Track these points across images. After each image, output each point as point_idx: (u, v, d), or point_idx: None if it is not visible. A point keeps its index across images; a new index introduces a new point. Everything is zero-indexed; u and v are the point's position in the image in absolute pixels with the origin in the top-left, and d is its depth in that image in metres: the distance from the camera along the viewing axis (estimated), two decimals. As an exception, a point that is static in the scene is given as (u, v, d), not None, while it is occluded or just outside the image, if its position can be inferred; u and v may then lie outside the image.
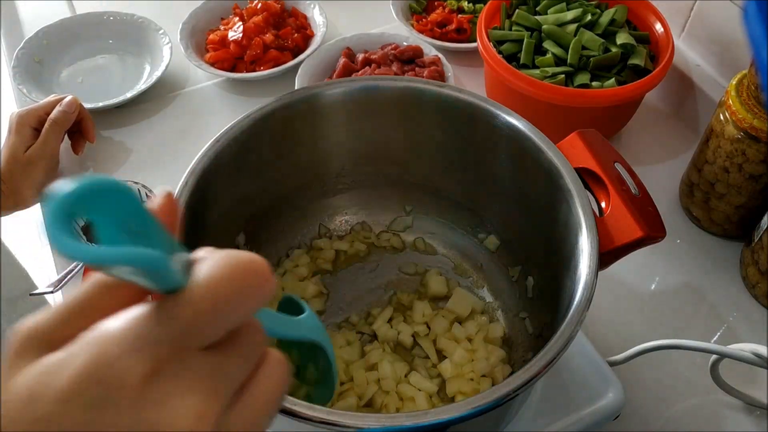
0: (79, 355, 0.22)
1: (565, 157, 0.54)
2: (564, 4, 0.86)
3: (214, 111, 0.94)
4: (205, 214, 0.54)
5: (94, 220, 0.22)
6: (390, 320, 0.63)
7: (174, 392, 0.22)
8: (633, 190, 0.53)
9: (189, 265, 0.24)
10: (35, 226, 0.85)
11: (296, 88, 0.89)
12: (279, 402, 0.26)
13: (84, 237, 0.72)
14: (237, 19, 0.99)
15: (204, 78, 0.98)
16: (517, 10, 0.85)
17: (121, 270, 0.22)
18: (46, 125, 0.80)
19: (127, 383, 0.22)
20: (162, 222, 0.24)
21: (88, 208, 0.21)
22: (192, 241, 0.50)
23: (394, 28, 1.00)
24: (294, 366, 0.43)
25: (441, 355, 0.61)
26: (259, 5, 0.98)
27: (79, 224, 0.71)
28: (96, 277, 0.25)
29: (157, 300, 0.23)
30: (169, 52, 0.96)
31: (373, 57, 0.92)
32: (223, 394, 0.24)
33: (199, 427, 0.22)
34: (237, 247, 0.62)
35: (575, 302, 0.46)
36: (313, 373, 0.45)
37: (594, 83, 0.79)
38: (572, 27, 0.82)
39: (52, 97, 0.85)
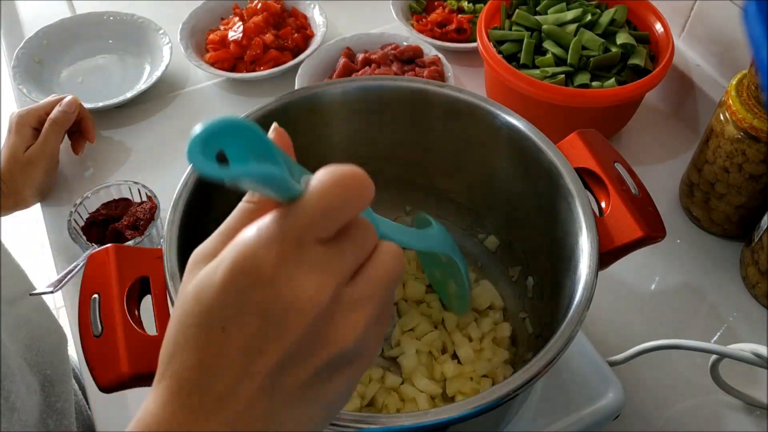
0: (226, 257, 0.29)
1: (565, 157, 0.54)
2: (564, 4, 0.86)
3: (214, 111, 0.94)
4: (206, 214, 0.54)
5: (227, 149, 0.28)
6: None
7: (296, 274, 0.28)
8: (633, 190, 0.53)
9: (306, 179, 0.30)
10: (35, 226, 0.85)
11: (296, 88, 0.89)
12: (393, 279, 0.31)
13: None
14: (237, 19, 0.99)
15: (204, 78, 0.98)
16: (517, 10, 0.85)
17: (250, 184, 0.29)
18: (46, 125, 0.80)
19: (263, 270, 0.28)
20: (280, 148, 0.31)
21: (222, 140, 0.28)
22: (192, 241, 0.50)
23: (394, 28, 1.00)
24: (439, 282, 0.57)
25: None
26: (259, 5, 0.98)
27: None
28: (239, 206, 0.33)
29: (282, 209, 0.29)
30: (169, 52, 0.96)
31: (373, 57, 0.92)
32: (338, 273, 0.29)
33: (318, 297, 0.28)
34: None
35: (575, 302, 0.46)
36: (454, 288, 0.58)
37: (594, 83, 0.79)
38: (572, 27, 0.82)
39: (52, 97, 0.85)
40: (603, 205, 0.53)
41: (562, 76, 0.79)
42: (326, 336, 0.29)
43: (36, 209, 0.83)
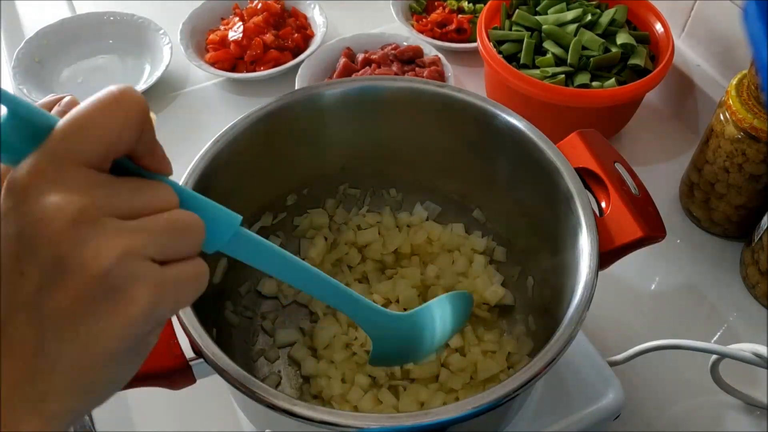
0: None
1: (565, 157, 0.54)
2: (564, 4, 0.86)
3: (214, 111, 0.94)
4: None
5: None
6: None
7: (49, 190, 0.28)
8: (633, 190, 0.53)
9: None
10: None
11: (296, 88, 0.89)
12: (172, 229, 0.30)
13: None
14: (237, 19, 0.99)
15: (204, 78, 0.98)
16: (517, 10, 0.85)
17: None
18: (46, 125, 0.80)
19: (16, 187, 0.29)
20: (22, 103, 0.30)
21: None
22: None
23: (394, 28, 1.00)
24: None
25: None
26: (259, 5, 0.98)
27: None
28: None
29: None
30: (169, 52, 0.96)
31: (373, 57, 0.92)
32: (97, 196, 0.29)
33: (65, 211, 0.28)
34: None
35: (575, 302, 0.46)
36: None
37: (594, 83, 0.79)
38: (572, 27, 0.82)
39: (50, 97, 0.84)
40: (603, 205, 0.53)
41: (562, 76, 0.79)
42: (78, 256, 0.28)
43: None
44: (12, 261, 0.29)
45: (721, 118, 0.69)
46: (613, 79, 0.79)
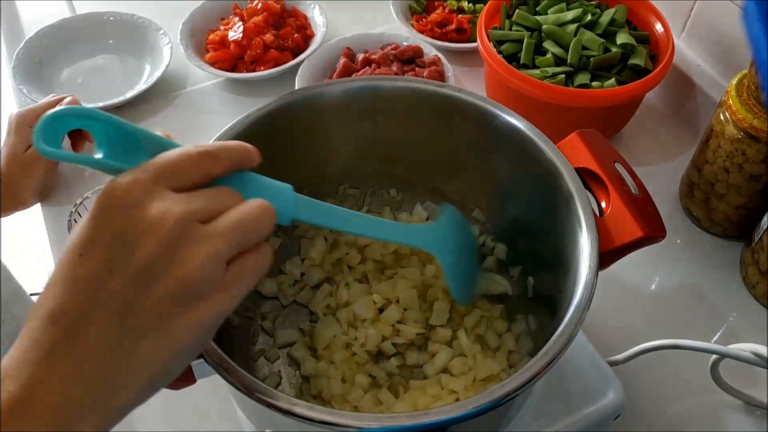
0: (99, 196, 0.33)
1: (565, 157, 0.54)
2: (564, 4, 0.86)
3: (214, 111, 0.94)
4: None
5: (94, 134, 0.35)
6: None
7: (146, 200, 0.33)
8: (633, 190, 0.53)
9: None
10: (35, 226, 0.85)
11: (296, 88, 0.89)
12: (246, 223, 0.35)
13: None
14: (237, 19, 0.99)
15: (204, 78, 0.98)
16: (517, 10, 0.85)
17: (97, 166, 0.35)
18: (47, 125, 0.80)
19: (117, 193, 0.33)
20: (155, 134, 0.37)
21: (71, 124, 0.34)
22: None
23: (394, 28, 1.00)
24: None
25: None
26: (259, 5, 0.98)
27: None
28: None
29: None
30: (169, 52, 0.96)
31: (373, 57, 0.92)
32: (187, 207, 0.33)
33: (165, 220, 0.32)
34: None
35: (575, 302, 0.46)
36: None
37: (594, 83, 0.79)
38: (572, 27, 0.82)
39: (51, 97, 0.85)
40: (603, 205, 0.53)
41: (562, 76, 0.79)
42: (172, 262, 0.32)
43: (36, 209, 0.83)
44: (102, 260, 0.32)
45: (721, 118, 0.69)
46: (613, 79, 0.79)
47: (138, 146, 0.36)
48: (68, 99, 0.83)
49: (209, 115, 0.94)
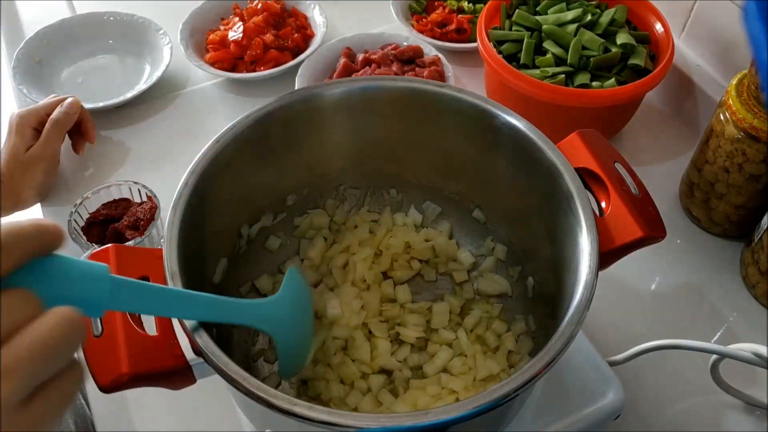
0: None
1: (565, 157, 0.54)
2: (564, 4, 0.86)
3: (214, 111, 0.94)
4: (206, 214, 0.54)
5: None
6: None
7: None
8: (633, 190, 0.53)
9: None
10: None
11: (296, 88, 0.89)
12: (46, 347, 0.28)
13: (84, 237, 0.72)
14: (237, 19, 0.99)
15: (204, 78, 0.98)
16: (517, 10, 0.85)
17: None
18: (48, 126, 0.80)
19: None
20: None
21: None
22: (193, 241, 0.50)
23: (394, 28, 1.00)
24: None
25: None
26: (259, 5, 0.98)
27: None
28: None
29: None
30: (170, 52, 0.96)
31: (373, 57, 0.92)
32: None
33: None
34: (239, 244, 0.62)
35: (575, 302, 0.46)
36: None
37: (594, 83, 0.79)
38: (572, 27, 0.82)
39: (52, 98, 0.85)
40: (603, 205, 0.53)
41: (562, 76, 0.79)
42: None
43: (36, 209, 0.83)
44: None
45: (721, 118, 0.69)
46: (613, 79, 0.79)
47: None
48: (69, 100, 0.83)
49: (209, 115, 0.94)
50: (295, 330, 0.52)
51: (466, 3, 1.01)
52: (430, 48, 0.93)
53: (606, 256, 0.49)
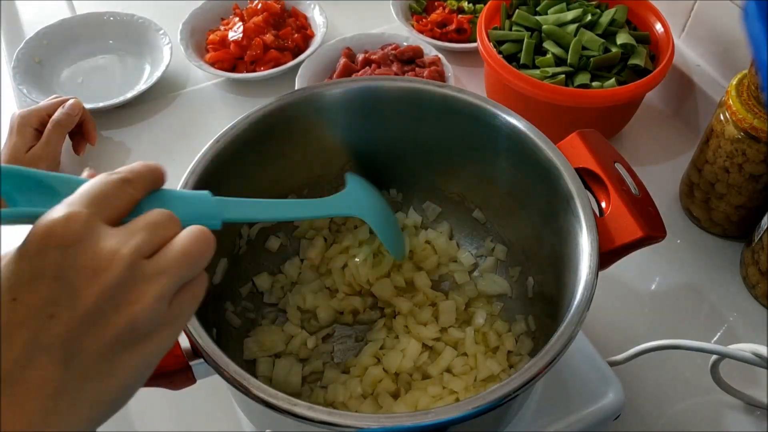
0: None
1: (565, 157, 0.54)
2: (564, 4, 0.86)
3: (214, 111, 0.94)
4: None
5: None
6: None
7: (89, 241, 0.31)
8: (633, 190, 0.53)
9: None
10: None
11: (296, 88, 0.89)
12: (189, 255, 0.33)
13: None
14: (237, 19, 0.99)
15: (204, 78, 0.98)
16: (517, 10, 0.85)
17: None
18: (49, 126, 0.80)
19: (56, 233, 0.31)
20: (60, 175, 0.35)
21: None
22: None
23: (394, 28, 1.00)
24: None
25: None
26: (259, 5, 0.98)
27: None
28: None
29: None
30: (169, 53, 0.96)
31: (373, 57, 0.92)
32: (130, 246, 0.32)
33: (112, 262, 0.31)
34: (239, 244, 0.62)
35: (575, 302, 0.46)
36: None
37: (594, 83, 0.79)
38: (572, 27, 0.82)
39: (53, 98, 0.85)
40: (603, 205, 0.53)
41: (562, 76, 0.79)
42: (120, 304, 0.31)
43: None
44: (43, 303, 0.30)
45: (721, 118, 0.69)
46: (613, 79, 0.79)
47: (53, 191, 0.34)
48: (71, 101, 0.83)
49: (209, 115, 0.94)
50: (379, 212, 0.59)
51: (466, 3, 1.01)
52: (430, 48, 0.93)
53: (606, 256, 0.49)
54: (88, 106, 0.87)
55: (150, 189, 0.37)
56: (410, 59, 0.92)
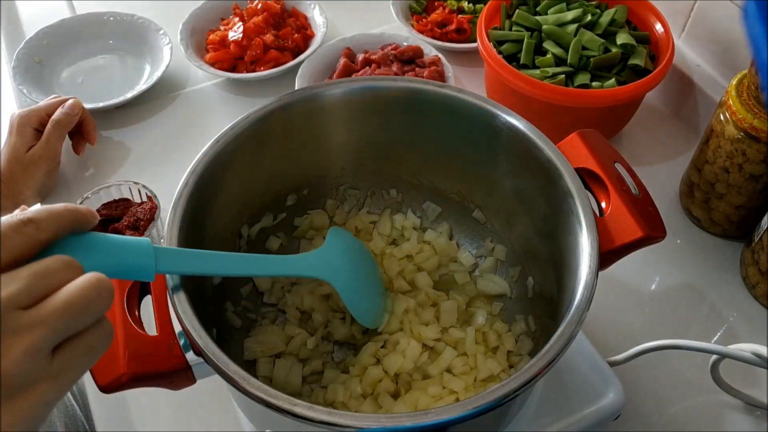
0: None
1: (565, 157, 0.54)
2: (564, 4, 0.86)
3: (214, 111, 0.94)
4: (206, 214, 0.54)
5: None
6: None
7: None
8: (633, 190, 0.53)
9: None
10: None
11: (296, 88, 0.89)
12: (74, 306, 0.31)
13: None
14: (237, 19, 0.99)
15: (204, 78, 0.98)
16: (517, 10, 0.85)
17: None
18: (49, 126, 0.80)
19: None
20: None
21: None
22: (192, 241, 0.50)
23: (394, 28, 1.00)
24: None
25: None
26: (259, 5, 0.98)
27: None
28: None
29: None
30: (170, 53, 0.96)
31: (373, 57, 0.92)
32: (6, 295, 0.30)
33: None
34: (239, 244, 0.62)
35: (575, 302, 0.46)
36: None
37: (594, 83, 0.79)
38: (572, 27, 0.82)
39: (53, 98, 0.85)
40: (603, 205, 0.53)
41: (562, 76, 0.79)
42: None
43: (36, 210, 0.83)
44: None
45: (721, 118, 0.69)
46: (613, 79, 0.79)
47: None
48: (71, 101, 0.83)
49: (209, 115, 0.94)
50: (352, 276, 0.56)
51: (466, 3, 1.01)
52: (430, 48, 0.93)
53: (606, 256, 0.49)
54: (88, 106, 0.87)
55: (66, 231, 0.34)
56: (410, 59, 0.92)
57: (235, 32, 0.96)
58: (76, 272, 0.32)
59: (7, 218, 0.32)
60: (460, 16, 1.00)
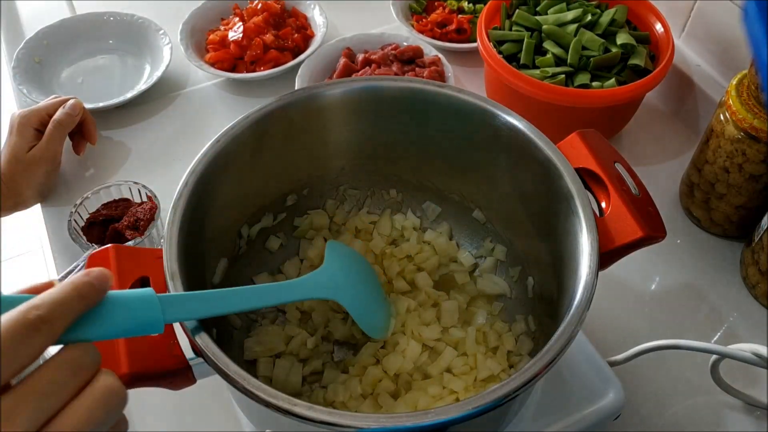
0: None
1: (565, 157, 0.54)
2: (564, 4, 0.86)
3: (214, 111, 0.94)
4: (206, 214, 0.54)
5: None
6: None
7: None
8: (633, 190, 0.53)
9: None
10: (35, 227, 0.85)
11: (296, 88, 0.89)
12: (94, 422, 0.31)
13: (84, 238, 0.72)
14: (237, 19, 0.99)
15: (204, 78, 0.98)
16: (517, 10, 0.85)
17: None
18: (50, 126, 0.80)
19: None
20: None
21: None
22: (193, 241, 0.50)
23: (394, 28, 1.00)
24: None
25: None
26: (259, 5, 0.98)
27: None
28: None
29: None
30: (170, 53, 0.96)
31: (373, 57, 0.92)
32: (10, 424, 0.28)
33: None
34: (239, 244, 0.62)
35: (575, 302, 0.46)
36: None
37: (594, 83, 0.79)
38: (572, 27, 0.82)
39: (53, 98, 0.85)
40: (603, 205, 0.53)
41: (562, 76, 0.79)
42: None
43: (36, 209, 0.83)
44: None
45: (721, 118, 0.69)
46: (613, 79, 0.79)
47: None
48: (72, 101, 0.83)
49: (209, 115, 0.94)
50: (357, 289, 0.56)
51: (466, 3, 1.01)
52: (430, 48, 0.93)
53: (606, 256, 0.49)
54: (88, 106, 0.87)
55: (77, 317, 0.32)
56: (410, 59, 0.92)
57: (235, 32, 0.96)
58: (85, 376, 0.31)
59: (13, 320, 0.29)
60: (460, 16, 1.00)
